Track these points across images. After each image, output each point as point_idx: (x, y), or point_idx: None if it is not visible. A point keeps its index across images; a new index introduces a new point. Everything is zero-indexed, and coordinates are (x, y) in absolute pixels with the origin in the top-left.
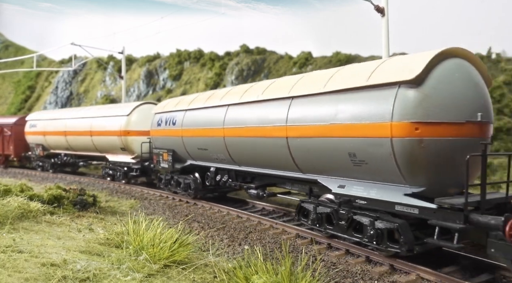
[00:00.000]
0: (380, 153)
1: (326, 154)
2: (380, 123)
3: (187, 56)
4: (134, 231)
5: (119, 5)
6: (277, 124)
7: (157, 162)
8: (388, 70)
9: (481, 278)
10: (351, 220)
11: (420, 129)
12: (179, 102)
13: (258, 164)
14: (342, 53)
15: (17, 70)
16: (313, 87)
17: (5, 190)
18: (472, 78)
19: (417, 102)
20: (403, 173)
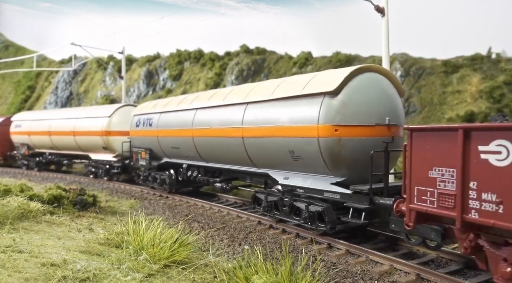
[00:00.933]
0: (311, 149)
1: (272, 151)
2: (310, 126)
3: (187, 56)
4: (134, 231)
5: (119, 5)
6: (235, 126)
7: (136, 159)
8: (317, 83)
9: (481, 278)
10: (292, 205)
11: (339, 130)
12: (155, 105)
13: (222, 160)
14: (342, 53)
15: (17, 70)
16: (263, 94)
17: (5, 190)
18: (383, 88)
19: (336, 109)
20: (328, 166)
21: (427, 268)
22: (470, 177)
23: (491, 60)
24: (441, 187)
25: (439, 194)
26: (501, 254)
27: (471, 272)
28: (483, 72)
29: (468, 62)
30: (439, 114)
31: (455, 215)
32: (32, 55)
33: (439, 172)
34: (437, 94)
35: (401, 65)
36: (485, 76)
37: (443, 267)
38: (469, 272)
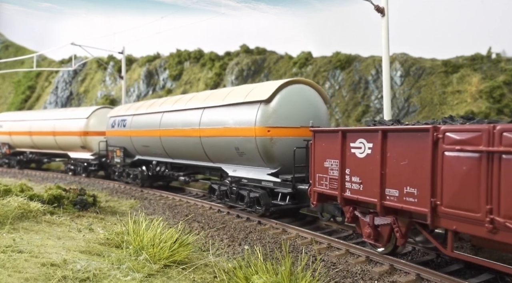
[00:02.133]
0: (251, 146)
1: (223, 148)
2: (249, 127)
3: (187, 56)
4: (134, 231)
5: (119, 5)
6: (194, 127)
7: (112, 157)
8: (256, 92)
9: (481, 278)
10: (238, 193)
11: (271, 131)
12: (129, 108)
13: (185, 157)
14: (342, 53)
15: (17, 70)
16: (216, 101)
17: (5, 190)
18: (308, 97)
19: (269, 113)
20: (264, 160)
21: (427, 268)
22: (346, 165)
23: (491, 60)
24: (330, 174)
25: (330, 179)
26: (366, 220)
27: (471, 272)
28: (483, 72)
29: (468, 62)
30: (439, 114)
31: (337, 193)
32: (32, 55)
33: (329, 162)
34: (437, 94)
35: (401, 65)
36: (485, 76)
37: (443, 267)
38: (469, 272)
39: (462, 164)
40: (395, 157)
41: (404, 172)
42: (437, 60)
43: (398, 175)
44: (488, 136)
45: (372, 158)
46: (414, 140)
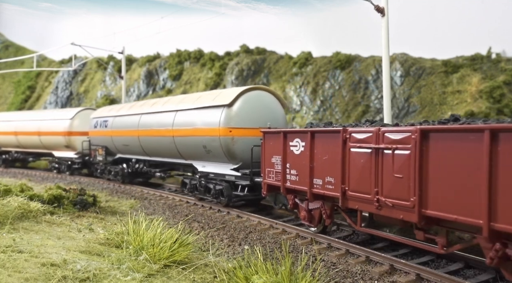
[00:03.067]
0: (216, 145)
1: (193, 147)
2: (215, 128)
3: (187, 56)
4: (134, 231)
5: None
6: (168, 128)
7: (94, 156)
8: (221, 97)
9: (481, 278)
10: (206, 186)
11: (232, 131)
12: (110, 110)
13: (161, 155)
14: (342, 53)
15: (17, 70)
16: (187, 105)
17: (5, 190)
18: (266, 102)
19: (231, 116)
20: (227, 156)
21: (427, 268)
22: (287, 160)
23: (491, 60)
24: (276, 168)
25: (275, 172)
26: (303, 206)
27: (471, 272)
28: (483, 72)
29: (468, 62)
30: (439, 114)
31: (280, 184)
32: (32, 55)
33: (275, 158)
34: (437, 94)
35: (401, 65)
36: (485, 76)
37: (443, 267)
38: (469, 272)
39: (361, 157)
40: (320, 153)
41: (325, 165)
42: (437, 60)
43: (321, 168)
44: (376, 136)
45: (305, 154)
46: (331, 139)
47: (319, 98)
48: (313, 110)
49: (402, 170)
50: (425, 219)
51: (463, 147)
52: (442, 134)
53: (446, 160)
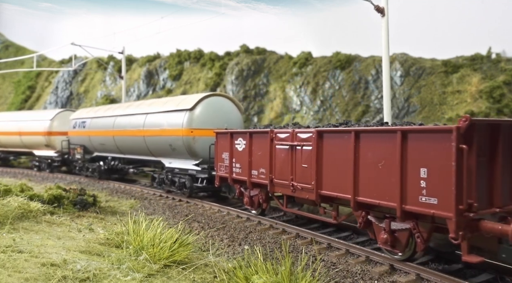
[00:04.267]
0: (180, 144)
1: (161, 145)
2: (179, 129)
3: (187, 56)
4: (134, 231)
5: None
6: (140, 128)
7: (73, 154)
8: (185, 102)
9: (481, 278)
10: (172, 180)
11: (193, 132)
12: (88, 111)
13: (133, 152)
14: (342, 53)
15: (17, 70)
16: (156, 108)
17: (5, 190)
18: (223, 107)
19: (192, 119)
20: (189, 154)
21: (427, 268)
22: (233, 156)
23: (491, 60)
24: (225, 162)
25: (225, 166)
26: (246, 193)
27: (471, 272)
28: (483, 72)
29: (468, 62)
30: (439, 114)
31: (228, 176)
32: (32, 55)
33: (225, 155)
34: (437, 94)
35: (401, 65)
36: (485, 76)
37: (443, 267)
38: (469, 272)
39: (282, 152)
40: (256, 149)
41: (260, 159)
42: (437, 60)
43: (257, 161)
44: (292, 136)
45: (245, 151)
46: (263, 138)
47: (319, 98)
48: (313, 110)
49: (307, 161)
50: (321, 197)
51: (342, 144)
52: (330, 135)
53: (333, 153)
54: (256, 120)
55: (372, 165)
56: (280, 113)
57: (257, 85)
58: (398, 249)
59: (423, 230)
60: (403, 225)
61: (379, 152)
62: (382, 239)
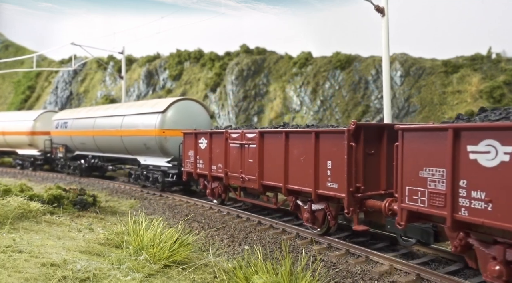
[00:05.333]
0: (153, 143)
1: (136, 144)
2: (152, 129)
3: (187, 56)
4: (134, 231)
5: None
6: (118, 129)
7: (56, 153)
8: (158, 105)
9: (481, 278)
10: (146, 175)
11: (165, 132)
12: (70, 113)
13: (112, 151)
14: (342, 53)
15: (17, 70)
16: (133, 110)
17: (5, 190)
18: (192, 110)
19: (164, 120)
20: (161, 152)
21: (427, 268)
22: (197, 153)
23: (491, 60)
24: (191, 159)
25: (190, 162)
26: (208, 186)
27: (471, 272)
28: (483, 72)
29: (468, 62)
30: (439, 114)
31: (193, 171)
32: (32, 55)
33: (190, 152)
34: (437, 94)
35: (401, 65)
36: (485, 76)
37: (443, 267)
38: (469, 272)
39: (234, 149)
40: (215, 147)
41: (218, 156)
42: (437, 60)
43: (216, 158)
44: (241, 136)
45: (207, 149)
46: (220, 138)
47: (319, 98)
48: (313, 110)
49: (252, 157)
50: (263, 187)
51: (277, 142)
52: (269, 135)
53: (271, 150)
54: (256, 120)
55: (297, 159)
56: (280, 113)
57: (257, 85)
58: (317, 226)
59: (332, 209)
60: (319, 206)
61: (301, 149)
62: (306, 218)
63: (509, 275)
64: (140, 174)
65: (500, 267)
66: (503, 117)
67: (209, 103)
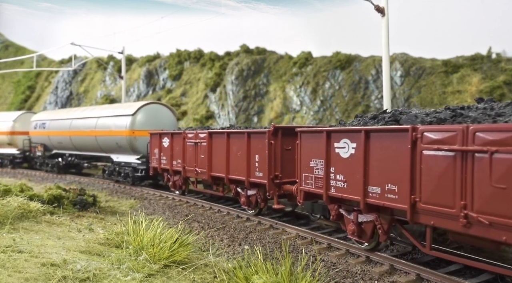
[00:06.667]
0: (124, 142)
1: (109, 143)
2: (124, 130)
3: (187, 56)
4: (134, 231)
5: (119, 5)
6: (92, 129)
7: (35, 152)
8: (129, 108)
9: (481, 278)
10: (118, 171)
11: (135, 133)
12: (48, 114)
13: (88, 150)
14: (342, 53)
15: (17, 70)
16: (106, 113)
17: (5, 190)
18: (159, 112)
19: (134, 122)
20: (132, 150)
21: (427, 268)
22: (161, 151)
23: (491, 60)
24: (155, 156)
25: (156, 159)
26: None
27: (471, 272)
28: (483, 72)
29: (468, 62)
30: None
31: (158, 166)
32: (32, 55)
33: (156, 150)
34: (437, 94)
35: (401, 65)
36: (485, 76)
37: (443, 267)
38: (469, 272)
39: (190, 147)
40: (175, 145)
41: (177, 152)
42: (437, 60)
43: (176, 154)
44: (195, 135)
45: (169, 147)
46: (179, 137)
47: (319, 98)
48: (313, 110)
49: (204, 153)
50: (212, 178)
51: (221, 141)
52: (216, 135)
53: (217, 147)
54: (256, 121)
55: (235, 154)
56: (280, 113)
57: (257, 85)
58: (251, 208)
59: (261, 193)
60: (252, 191)
61: (238, 146)
62: (242, 202)
63: (359, 231)
64: (113, 170)
65: (354, 227)
66: (358, 123)
67: (209, 103)
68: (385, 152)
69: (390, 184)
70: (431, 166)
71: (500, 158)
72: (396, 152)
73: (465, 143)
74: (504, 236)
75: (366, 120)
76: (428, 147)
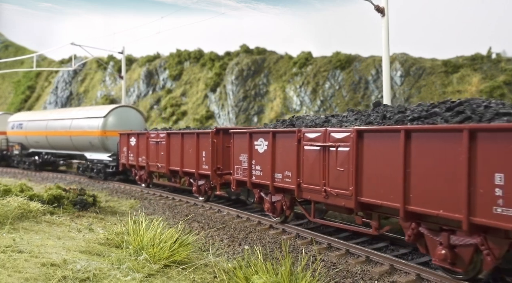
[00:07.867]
0: (97, 141)
1: (83, 142)
2: (96, 130)
3: (187, 56)
4: (134, 231)
5: (119, 5)
6: (67, 130)
7: (12, 150)
8: (102, 111)
9: (481, 278)
10: (91, 168)
11: (106, 133)
12: (25, 115)
13: (63, 148)
14: (342, 53)
15: (17, 70)
16: (80, 114)
17: (5, 190)
18: (129, 114)
19: (105, 123)
20: (103, 149)
21: (427, 268)
22: (129, 149)
23: (491, 60)
24: (124, 154)
25: (124, 156)
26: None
27: None
28: (483, 72)
29: (468, 62)
30: None
31: (126, 162)
32: (32, 55)
33: (124, 148)
34: (437, 94)
35: (401, 65)
36: (485, 76)
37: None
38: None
39: (153, 145)
40: (141, 144)
41: (142, 150)
42: (437, 60)
43: (141, 152)
44: (157, 135)
45: (135, 145)
46: (144, 137)
47: (319, 98)
48: (313, 110)
49: (163, 150)
50: (170, 171)
51: (177, 140)
52: (172, 134)
53: (174, 145)
54: (256, 121)
55: (188, 151)
56: (280, 113)
57: (257, 85)
58: (201, 195)
59: (207, 183)
60: (201, 182)
61: (190, 144)
62: (194, 190)
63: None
64: (86, 167)
65: (268, 205)
66: (273, 126)
67: (209, 103)
68: (284, 147)
69: (287, 171)
70: (308, 157)
71: (340, 150)
72: (290, 147)
73: (325, 140)
74: (343, 202)
75: (276, 124)
76: (307, 143)
